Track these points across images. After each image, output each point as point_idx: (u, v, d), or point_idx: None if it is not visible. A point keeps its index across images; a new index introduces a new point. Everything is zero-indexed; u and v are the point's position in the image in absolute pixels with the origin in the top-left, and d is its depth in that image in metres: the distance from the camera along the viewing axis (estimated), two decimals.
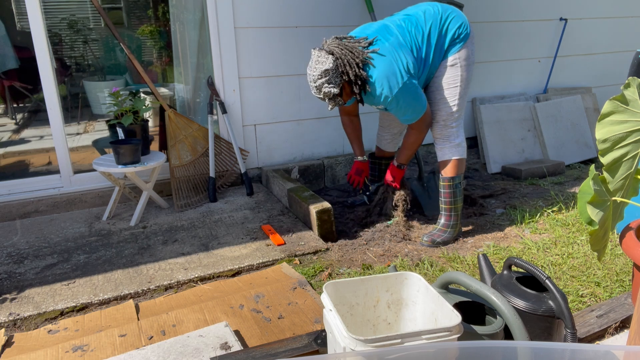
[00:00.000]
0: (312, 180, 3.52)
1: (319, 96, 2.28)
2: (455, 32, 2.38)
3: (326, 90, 2.22)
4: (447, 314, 1.30)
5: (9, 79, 4.56)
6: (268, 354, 1.54)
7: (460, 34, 2.39)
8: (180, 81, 3.82)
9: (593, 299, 2.02)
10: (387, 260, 2.40)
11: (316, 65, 2.21)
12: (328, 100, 2.28)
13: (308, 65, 2.27)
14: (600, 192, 1.60)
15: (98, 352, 1.70)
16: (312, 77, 2.24)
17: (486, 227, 2.76)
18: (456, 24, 2.39)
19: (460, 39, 2.39)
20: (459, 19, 2.41)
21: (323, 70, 2.18)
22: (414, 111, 2.37)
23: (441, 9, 2.41)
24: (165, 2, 4.79)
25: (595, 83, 4.63)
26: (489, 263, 1.74)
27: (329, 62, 2.18)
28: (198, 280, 2.23)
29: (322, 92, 2.23)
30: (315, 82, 2.23)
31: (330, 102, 2.30)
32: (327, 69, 2.18)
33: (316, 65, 2.21)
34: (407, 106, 2.33)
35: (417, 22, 2.37)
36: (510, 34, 4.14)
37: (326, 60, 2.18)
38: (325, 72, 2.18)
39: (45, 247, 2.55)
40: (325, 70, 2.18)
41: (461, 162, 2.55)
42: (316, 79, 2.21)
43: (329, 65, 2.18)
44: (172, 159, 3.10)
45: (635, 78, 1.56)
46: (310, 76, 2.25)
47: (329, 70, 2.18)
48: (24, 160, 3.81)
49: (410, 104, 2.32)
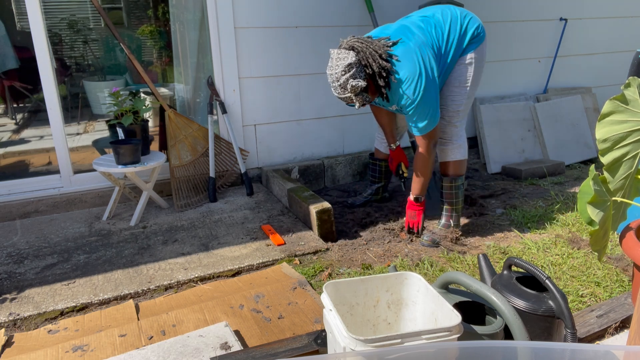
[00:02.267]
0: (312, 180, 3.52)
1: (343, 96, 2.20)
2: (474, 32, 2.39)
3: (353, 83, 2.13)
4: (447, 314, 1.30)
5: (9, 79, 4.56)
6: (268, 354, 1.54)
7: (478, 33, 2.40)
8: (180, 81, 3.83)
9: (593, 299, 2.02)
10: (387, 260, 2.40)
11: (337, 62, 2.14)
12: (355, 96, 2.19)
13: (327, 66, 2.20)
14: (600, 192, 1.60)
15: (98, 352, 1.70)
16: (334, 76, 2.16)
17: (486, 227, 2.76)
18: (474, 24, 2.40)
19: (479, 39, 2.40)
20: (476, 20, 2.43)
21: (346, 65, 2.12)
22: (430, 118, 2.30)
23: (458, 11, 2.42)
24: (165, 2, 4.79)
25: (595, 83, 4.63)
26: (489, 263, 1.74)
27: (351, 56, 2.12)
28: (198, 280, 2.23)
29: (348, 88, 2.14)
30: (338, 80, 2.15)
31: (357, 99, 2.21)
32: (350, 63, 2.12)
33: (337, 62, 2.14)
34: (426, 111, 2.27)
35: (437, 23, 2.36)
36: (510, 34, 4.14)
37: (347, 55, 2.13)
38: (348, 67, 2.12)
39: (45, 247, 2.55)
40: (349, 64, 2.12)
41: (462, 163, 2.55)
42: (339, 76, 2.14)
43: (352, 59, 2.12)
44: (172, 159, 3.10)
45: (636, 78, 1.56)
46: (332, 75, 2.16)
47: (352, 64, 2.12)
48: (24, 160, 3.81)
49: (429, 110, 2.27)
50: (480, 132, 3.96)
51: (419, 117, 2.29)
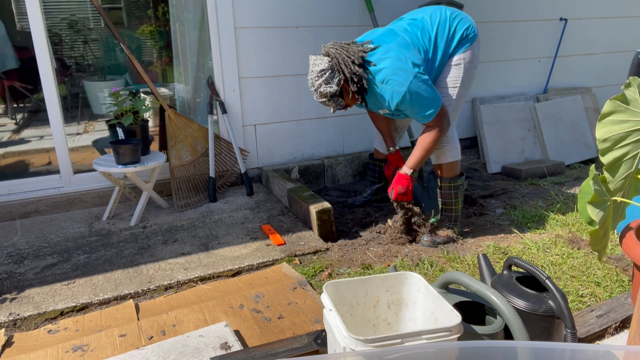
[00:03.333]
0: (312, 180, 3.52)
1: (320, 100, 2.28)
2: (464, 33, 2.38)
3: (323, 90, 2.22)
4: (447, 314, 1.30)
5: (9, 79, 4.56)
6: (268, 354, 1.54)
7: (468, 34, 2.39)
8: (180, 81, 3.83)
9: (593, 299, 2.02)
10: (387, 260, 2.40)
11: (313, 68, 2.23)
12: (328, 101, 2.27)
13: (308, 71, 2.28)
14: (600, 192, 1.60)
15: (98, 352, 1.70)
16: (310, 82, 2.25)
17: (486, 227, 2.76)
18: (464, 26, 2.39)
19: (468, 40, 2.39)
20: (466, 21, 2.41)
21: (319, 71, 2.20)
22: (431, 104, 2.26)
23: (449, 12, 2.41)
24: (165, 2, 4.79)
25: (595, 83, 4.63)
26: (489, 263, 1.74)
27: (324, 62, 2.20)
28: (198, 280, 2.23)
29: (320, 92, 2.23)
30: (313, 85, 2.24)
31: (330, 104, 2.29)
32: (323, 69, 2.20)
33: (313, 68, 2.23)
34: (421, 101, 2.24)
35: (424, 25, 2.36)
36: (510, 34, 4.14)
37: (322, 61, 2.21)
38: (321, 72, 2.20)
39: (45, 247, 2.55)
40: (322, 70, 2.20)
41: (456, 164, 2.55)
42: (314, 81, 2.23)
43: (325, 65, 2.20)
44: (172, 159, 3.10)
45: (636, 78, 1.56)
46: (310, 81, 2.26)
47: (325, 70, 2.20)
48: (24, 160, 3.81)
49: (424, 99, 2.24)
50: (480, 132, 3.95)
51: (417, 109, 2.28)
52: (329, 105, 2.30)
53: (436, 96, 2.28)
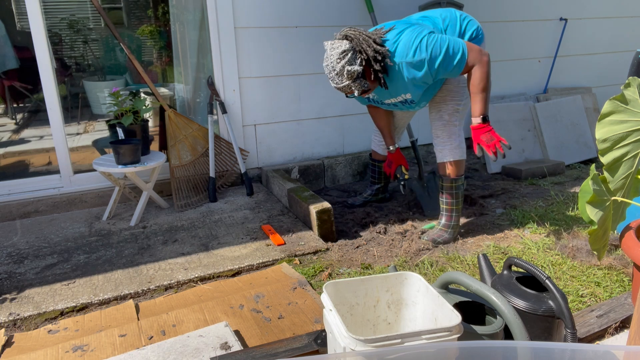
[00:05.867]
0: (312, 180, 3.52)
1: (341, 85, 2.19)
2: (473, 33, 2.41)
3: (349, 69, 2.13)
4: (447, 314, 1.30)
5: (9, 79, 4.56)
6: (268, 354, 1.54)
7: (477, 35, 2.42)
8: (180, 81, 3.83)
9: (593, 299, 2.02)
10: (387, 261, 2.40)
11: (332, 52, 2.16)
12: (353, 83, 2.18)
13: (324, 59, 2.21)
14: (600, 192, 1.60)
15: (98, 352, 1.70)
16: (330, 66, 2.17)
17: (486, 227, 2.76)
18: (473, 26, 2.43)
19: (477, 40, 2.42)
20: (475, 22, 2.45)
21: (340, 52, 2.14)
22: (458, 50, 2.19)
23: (458, 13, 2.44)
24: (165, 2, 4.79)
25: (595, 83, 4.63)
26: (489, 263, 1.74)
27: (345, 44, 2.15)
28: (198, 280, 2.23)
29: (345, 74, 2.15)
30: (334, 68, 2.16)
31: (355, 86, 2.20)
32: (344, 50, 2.14)
33: (332, 52, 2.16)
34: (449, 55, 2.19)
35: (435, 22, 2.38)
36: (510, 34, 4.14)
37: (341, 44, 2.15)
38: (343, 54, 2.14)
39: (45, 247, 2.55)
40: (343, 51, 2.14)
41: (461, 162, 2.55)
42: (335, 65, 2.15)
43: (346, 46, 2.14)
44: (172, 159, 3.10)
45: (636, 78, 1.56)
46: (328, 66, 2.18)
47: (347, 51, 2.14)
48: (24, 160, 3.82)
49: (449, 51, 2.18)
50: None
51: (449, 64, 2.20)
52: (354, 87, 2.21)
53: (457, 40, 2.23)
